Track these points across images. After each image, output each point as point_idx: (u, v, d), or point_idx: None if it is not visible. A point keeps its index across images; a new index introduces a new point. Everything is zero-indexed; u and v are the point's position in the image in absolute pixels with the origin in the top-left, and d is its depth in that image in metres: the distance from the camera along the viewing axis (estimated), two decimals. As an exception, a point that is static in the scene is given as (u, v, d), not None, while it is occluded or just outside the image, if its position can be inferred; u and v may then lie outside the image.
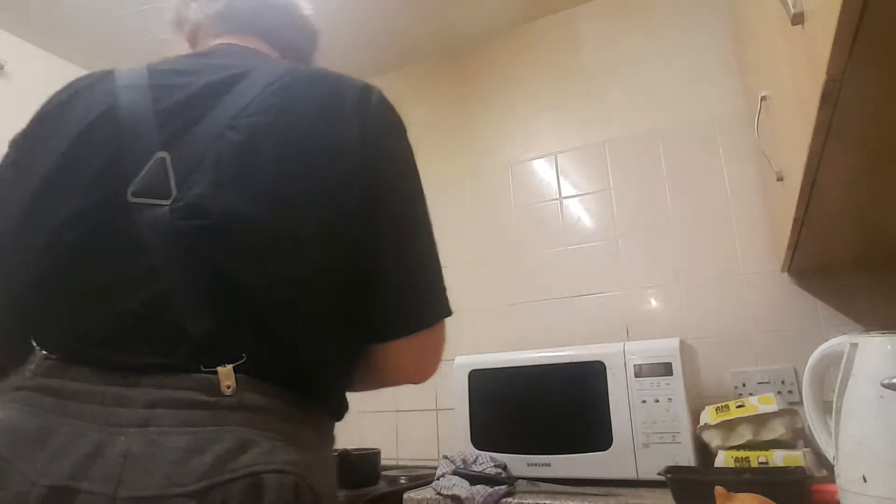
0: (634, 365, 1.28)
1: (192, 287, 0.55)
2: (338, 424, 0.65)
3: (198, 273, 0.55)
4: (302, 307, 0.58)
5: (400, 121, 0.71)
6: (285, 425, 0.55)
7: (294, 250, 0.58)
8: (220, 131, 0.60)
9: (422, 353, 0.68)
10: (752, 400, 1.20)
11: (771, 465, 1.11)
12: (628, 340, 1.46)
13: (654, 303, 1.62)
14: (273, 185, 0.58)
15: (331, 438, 0.64)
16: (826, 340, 0.88)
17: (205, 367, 0.53)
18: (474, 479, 1.25)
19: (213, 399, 0.52)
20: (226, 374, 0.53)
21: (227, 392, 0.52)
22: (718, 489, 0.86)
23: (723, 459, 1.16)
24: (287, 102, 0.63)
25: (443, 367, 2.15)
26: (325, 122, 0.63)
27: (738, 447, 1.17)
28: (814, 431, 0.90)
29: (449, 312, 0.68)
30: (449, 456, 1.37)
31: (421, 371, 0.69)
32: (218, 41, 0.77)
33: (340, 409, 0.64)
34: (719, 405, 1.22)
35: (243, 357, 0.54)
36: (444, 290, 0.69)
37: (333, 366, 0.62)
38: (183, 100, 0.63)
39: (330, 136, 0.63)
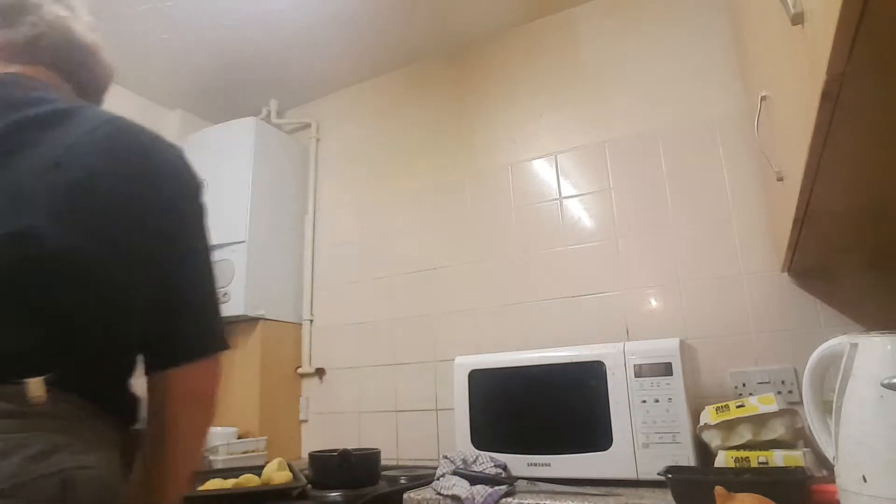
0: (634, 365, 1.28)
1: (12, 306, 0.59)
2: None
3: (20, 295, 0.59)
4: (111, 334, 0.66)
5: (199, 183, 0.80)
6: (88, 431, 0.62)
7: (112, 285, 0.65)
8: (50, 165, 0.64)
9: (204, 378, 0.76)
10: (752, 400, 1.20)
11: (771, 465, 1.11)
12: (628, 340, 1.46)
13: (654, 303, 1.62)
14: (102, 225, 0.65)
15: (116, 441, 0.70)
16: (826, 340, 0.87)
17: (15, 380, 0.56)
18: (474, 479, 1.25)
19: (24, 409, 0.56)
20: (36, 386, 0.57)
21: (38, 402, 0.57)
22: (718, 489, 0.86)
23: (723, 459, 1.16)
24: (117, 150, 0.70)
25: (443, 367, 2.15)
26: (148, 176, 0.72)
27: (738, 447, 1.17)
28: (814, 431, 0.90)
29: (227, 347, 0.78)
30: (449, 456, 1.37)
31: (206, 392, 0.76)
32: (14, 68, 0.78)
33: (131, 418, 0.72)
34: (719, 405, 1.22)
35: (53, 371, 0.58)
36: (223, 328, 0.78)
37: (126, 384, 0.71)
38: (2, 127, 0.66)
39: (150, 191, 0.71)
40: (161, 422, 0.73)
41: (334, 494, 1.35)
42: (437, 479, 1.30)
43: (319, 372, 2.14)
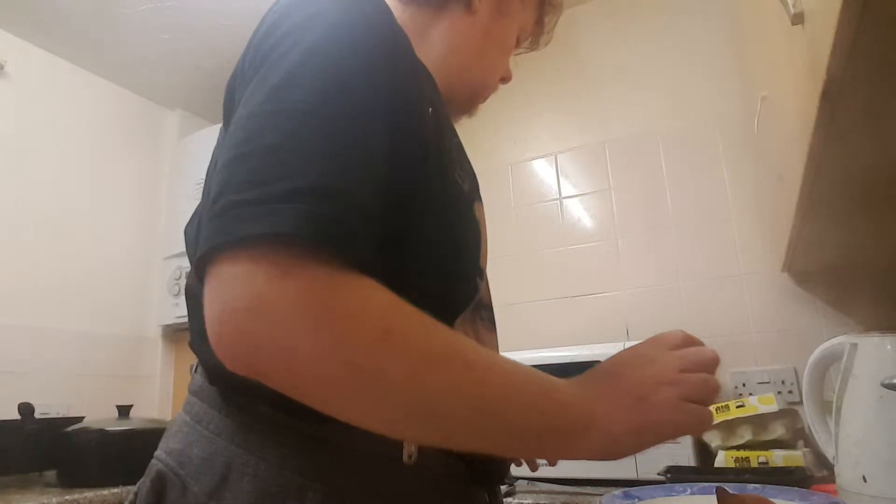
0: (634, 365, 1.28)
1: None
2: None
3: None
4: None
5: None
6: None
7: None
8: None
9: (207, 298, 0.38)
10: (752, 400, 1.20)
11: (771, 465, 1.11)
12: (628, 340, 1.46)
13: (654, 303, 1.62)
14: None
15: None
16: (826, 340, 0.88)
17: None
18: (474, 479, 1.25)
19: None
20: None
21: None
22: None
23: (723, 459, 1.16)
24: None
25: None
26: None
27: (738, 447, 1.17)
28: (814, 431, 0.90)
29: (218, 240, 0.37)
30: (449, 456, 1.37)
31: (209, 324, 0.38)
32: None
33: None
34: (719, 405, 1.22)
35: None
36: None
37: None
38: None
39: None
40: None
41: (334, 494, 1.35)
42: (437, 479, 1.29)
43: (319, 372, 2.14)
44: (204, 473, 0.46)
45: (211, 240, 0.37)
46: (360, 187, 0.40)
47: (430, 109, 0.54)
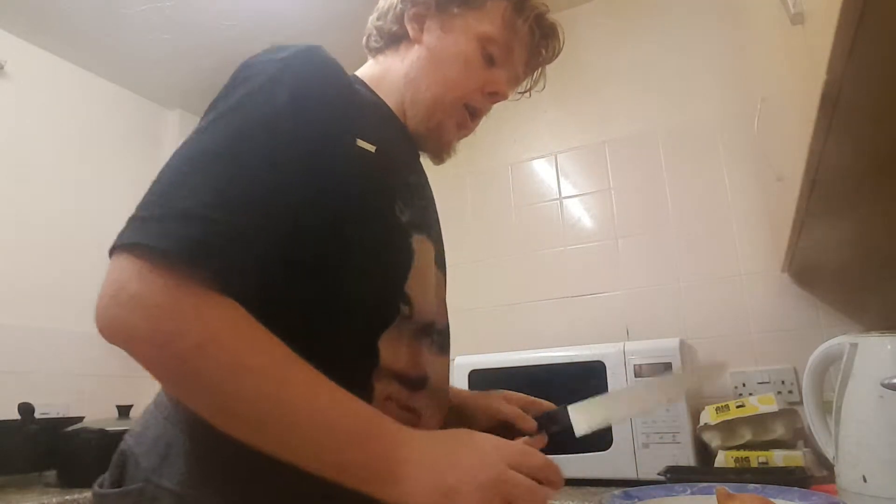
0: (634, 365, 1.28)
1: None
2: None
3: None
4: None
5: None
6: None
7: None
8: None
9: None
10: (752, 400, 1.20)
11: (771, 465, 1.11)
12: (628, 340, 1.46)
13: (654, 303, 1.62)
14: None
15: None
16: (826, 340, 0.87)
17: None
18: (474, 479, 1.25)
19: None
20: None
21: None
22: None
23: (723, 459, 1.16)
24: None
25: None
26: None
27: (738, 447, 1.17)
28: (814, 431, 0.90)
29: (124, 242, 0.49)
30: (449, 456, 1.37)
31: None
32: None
33: None
34: (719, 405, 1.22)
35: None
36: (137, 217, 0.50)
37: None
38: None
39: None
40: None
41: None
42: (437, 479, 1.29)
43: (319, 372, 2.14)
44: (151, 452, 0.55)
45: (114, 241, 0.50)
46: (235, 216, 0.49)
47: (375, 149, 0.61)
